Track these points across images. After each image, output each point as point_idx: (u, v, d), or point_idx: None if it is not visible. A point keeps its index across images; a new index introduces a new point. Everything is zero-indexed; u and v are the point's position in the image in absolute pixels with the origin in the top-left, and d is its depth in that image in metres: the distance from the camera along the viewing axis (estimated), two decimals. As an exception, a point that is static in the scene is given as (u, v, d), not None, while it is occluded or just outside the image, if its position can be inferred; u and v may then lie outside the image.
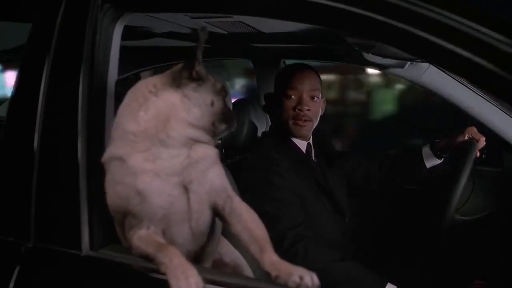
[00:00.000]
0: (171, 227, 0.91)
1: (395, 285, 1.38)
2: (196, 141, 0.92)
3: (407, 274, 1.55)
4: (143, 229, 0.88)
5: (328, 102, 1.72)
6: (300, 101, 1.58)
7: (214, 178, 0.94)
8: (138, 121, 0.89)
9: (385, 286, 1.37)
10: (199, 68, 0.93)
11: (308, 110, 1.59)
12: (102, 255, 0.92)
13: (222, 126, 0.96)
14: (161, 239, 0.89)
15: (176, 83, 0.91)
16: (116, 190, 0.89)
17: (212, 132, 0.95)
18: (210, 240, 0.98)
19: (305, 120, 1.59)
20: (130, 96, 0.92)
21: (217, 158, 0.96)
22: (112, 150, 0.90)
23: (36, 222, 0.95)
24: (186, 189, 0.90)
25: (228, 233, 1.01)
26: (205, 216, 0.94)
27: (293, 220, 1.44)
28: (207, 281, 0.83)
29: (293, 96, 1.59)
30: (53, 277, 0.95)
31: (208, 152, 0.94)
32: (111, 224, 0.94)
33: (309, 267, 1.34)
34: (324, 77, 1.91)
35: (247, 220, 0.93)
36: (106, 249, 0.93)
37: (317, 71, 1.67)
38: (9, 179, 1.01)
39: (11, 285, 0.93)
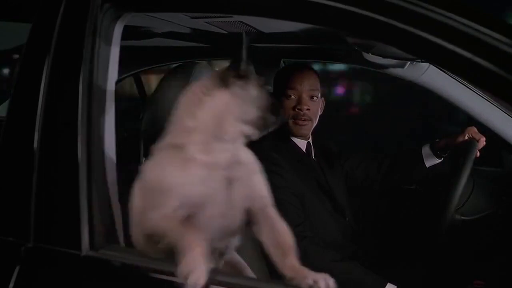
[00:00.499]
0: (204, 219, 0.94)
1: (395, 285, 1.38)
2: (247, 135, 1.00)
3: (407, 274, 1.55)
4: (169, 210, 0.90)
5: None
6: (299, 101, 1.59)
7: (255, 185, 1.01)
8: (195, 118, 0.97)
9: (385, 286, 1.37)
10: (245, 67, 1.00)
11: (308, 109, 1.59)
12: (102, 255, 0.92)
13: (272, 118, 1.02)
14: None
15: (225, 83, 0.98)
16: (163, 170, 0.95)
17: (262, 125, 1.01)
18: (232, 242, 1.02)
19: (304, 120, 1.60)
20: (186, 98, 1.00)
21: (259, 166, 1.04)
22: (170, 139, 0.98)
23: (36, 222, 0.95)
24: (228, 185, 0.96)
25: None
26: (238, 216, 0.98)
27: (293, 221, 1.43)
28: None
29: (292, 96, 1.59)
30: (53, 277, 0.95)
31: (253, 159, 1.03)
32: (111, 224, 0.94)
33: (309, 267, 1.34)
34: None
35: (278, 228, 0.99)
36: (106, 249, 0.93)
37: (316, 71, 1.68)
38: (9, 179, 1.01)
39: (11, 285, 0.93)
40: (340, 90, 6.03)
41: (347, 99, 6.09)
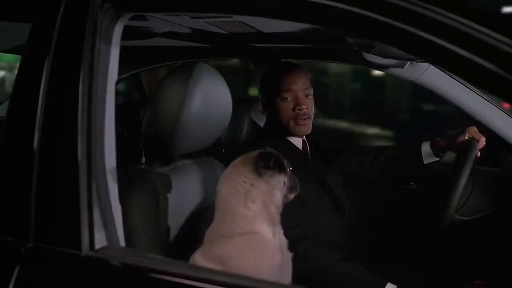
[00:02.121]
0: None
1: (395, 285, 1.38)
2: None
3: (407, 274, 1.55)
4: None
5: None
6: (298, 102, 1.58)
7: None
8: (249, 208, 1.07)
9: (385, 287, 1.37)
10: (273, 158, 1.12)
11: (307, 108, 1.59)
12: (102, 255, 0.92)
13: (291, 196, 1.16)
14: None
15: (258, 172, 1.09)
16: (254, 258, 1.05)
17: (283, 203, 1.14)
18: None
19: (305, 119, 1.60)
20: (231, 188, 1.09)
21: None
22: (239, 228, 1.06)
23: (36, 222, 0.95)
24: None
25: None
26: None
27: (293, 221, 1.44)
28: (207, 281, 0.83)
29: (289, 98, 1.59)
30: (53, 277, 0.95)
31: None
32: (111, 224, 0.94)
33: (309, 268, 1.34)
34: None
35: None
36: (106, 249, 0.93)
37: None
38: (9, 179, 1.01)
39: (11, 285, 0.93)
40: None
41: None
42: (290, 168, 1.18)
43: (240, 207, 1.07)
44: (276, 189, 1.10)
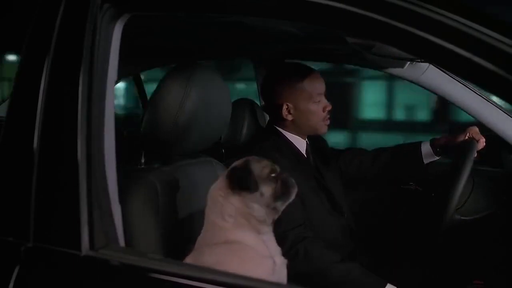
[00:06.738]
0: None
1: (395, 286, 1.38)
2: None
3: (407, 274, 1.55)
4: None
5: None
6: (325, 103, 1.63)
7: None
8: (225, 220, 1.09)
9: (384, 287, 1.37)
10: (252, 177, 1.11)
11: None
12: (102, 255, 0.92)
13: (278, 204, 1.12)
14: None
15: (233, 190, 1.09)
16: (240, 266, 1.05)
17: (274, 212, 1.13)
18: None
19: (329, 117, 1.63)
20: (211, 201, 1.12)
21: None
22: (224, 236, 1.08)
23: (35, 222, 0.95)
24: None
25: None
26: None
27: (294, 221, 1.44)
28: (207, 281, 0.83)
29: (320, 100, 1.61)
30: (53, 277, 0.95)
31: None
32: (111, 224, 0.94)
33: (309, 268, 1.34)
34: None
35: None
36: (106, 249, 0.93)
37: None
38: (9, 179, 1.01)
39: (11, 285, 0.93)
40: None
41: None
42: (287, 170, 1.17)
43: (218, 219, 1.09)
44: (251, 202, 1.09)
